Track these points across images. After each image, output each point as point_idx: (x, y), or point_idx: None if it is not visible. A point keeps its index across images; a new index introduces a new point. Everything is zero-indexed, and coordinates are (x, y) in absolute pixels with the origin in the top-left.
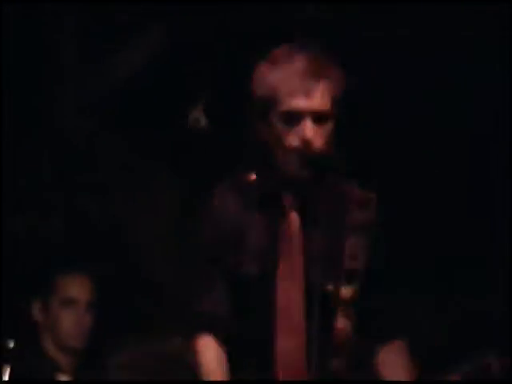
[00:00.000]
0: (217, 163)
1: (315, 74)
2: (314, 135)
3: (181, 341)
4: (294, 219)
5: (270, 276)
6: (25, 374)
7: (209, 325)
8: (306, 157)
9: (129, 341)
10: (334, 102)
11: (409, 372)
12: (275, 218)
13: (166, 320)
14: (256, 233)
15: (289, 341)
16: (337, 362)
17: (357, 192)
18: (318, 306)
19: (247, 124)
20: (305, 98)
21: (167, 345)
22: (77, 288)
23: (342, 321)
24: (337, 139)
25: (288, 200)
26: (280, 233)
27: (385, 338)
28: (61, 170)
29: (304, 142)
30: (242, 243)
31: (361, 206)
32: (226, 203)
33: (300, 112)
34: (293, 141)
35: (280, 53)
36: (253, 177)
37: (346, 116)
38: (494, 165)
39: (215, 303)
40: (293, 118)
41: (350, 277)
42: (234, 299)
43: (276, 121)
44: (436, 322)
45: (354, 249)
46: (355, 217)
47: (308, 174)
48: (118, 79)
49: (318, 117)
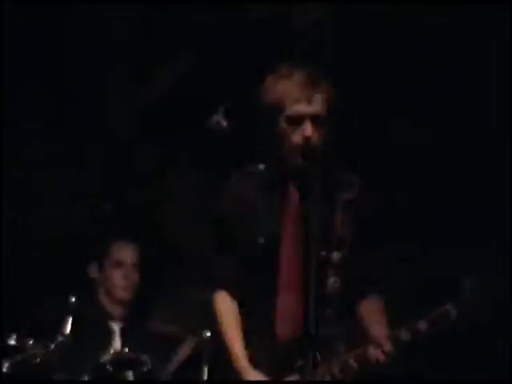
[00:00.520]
0: (234, 157)
1: (312, 87)
2: (312, 133)
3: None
4: (295, 199)
5: (275, 244)
6: (84, 322)
7: (225, 283)
8: (305, 150)
9: (166, 294)
10: (328, 108)
11: (384, 319)
12: (280, 198)
13: (191, 279)
14: (264, 209)
15: (289, 296)
16: (328, 312)
17: (344, 177)
18: (314, 268)
19: (259, 125)
20: (305, 106)
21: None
22: (124, 253)
23: (333, 279)
24: (329, 136)
25: (290, 184)
26: (283, 210)
27: (366, 293)
28: (112, 166)
29: (305, 139)
30: (253, 218)
31: (347, 188)
32: (241, 186)
33: (302, 116)
34: (296, 138)
35: (283, 69)
36: (262, 166)
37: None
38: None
39: (230, 266)
40: (296, 121)
41: (339, 245)
42: (245, 263)
43: (282, 122)
44: (407, 281)
45: (343, 222)
46: (343, 196)
47: (306, 164)
48: (155, 94)
49: (315, 119)
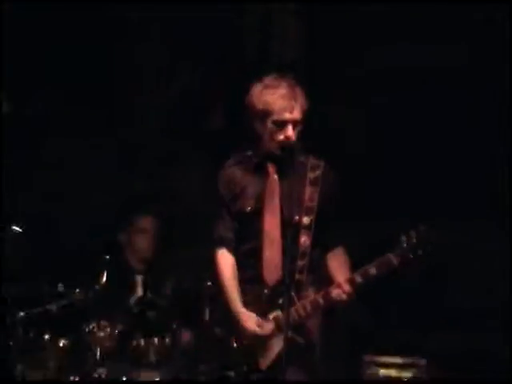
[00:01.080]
0: (228, 148)
1: (294, 97)
2: (292, 134)
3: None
4: (274, 178)
5: (260, 212)
6: (115, 275)
7: (223, 242)
8: (285, 144)
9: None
10: (302, 114)
11: (346, 268)
12: (263, 178)
13: (198, 241)
14: (251, 186)
15: (271, 251)
16: (301, 263)
17: (311, 161)
18: (289, 230)
19: (249, 125)
20: (288, 114)
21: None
22: (145, 223)
23: (304, 238)
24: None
25: (271, 167)
26: (266, 186)
27: (331, 248)
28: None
29: (286, 138)
30: (243, 193)
31: (313, 169)
32: (233, 169)
33: (285, 121)
34: (279, 136)
35: (270, 80)
36: (249, 153)
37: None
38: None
39: (227, 229)
40: (280, 124)
41: (308, 211)
42: (239, 226)
43: (269, 125)
44: (361, 239)
45: (310, 195)
46: (310, 175)
47: (284, 154)
48: (165, 102)
49: (295, 123)
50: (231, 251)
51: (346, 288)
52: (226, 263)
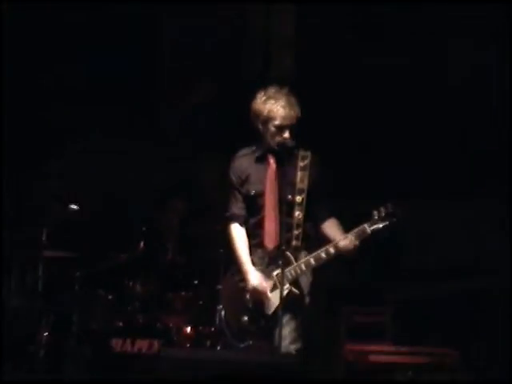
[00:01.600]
0: (239, 144)
1: (291, 107)
2: (288, 135)
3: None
4: (273, 167)
5: (262, 194)
6: (151, 243)
7: (235, 218)
8: (282, 142)
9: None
10: (297, 119)
11: (339, 230)
12: (264, 167)
13: (216, 217)
14: (255, 174)
15: (271, 224)
16: (296, 233)
17: (301, 153)
18: (285, 206)
19: (254, 127)
20: (288, 120)
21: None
22: (176, 204)
23: (297, 213)
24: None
25: (271, 159)
26: (266, 173)
27: (324, 218)
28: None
29: (283, 139)
30: (248, 179)
31: (303, 159)
32: (240, 160)
33: (284, 126)
34: (279, 137)
35: (272, 92)
36: (254, 148)
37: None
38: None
39: (238, 208)
40: (280, 128)
41: (300, 191)
42: (246, 205)
43: (271, 127)
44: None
45: (301, 178)
46: (301, 164)
47: (281, 149)
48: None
49: (291, 127)
50: (242, 225)
51: (352, 240)
52: (238, 234)
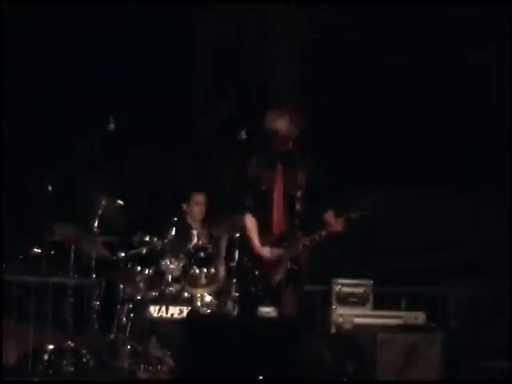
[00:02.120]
0: (253, 151)
1: (296, 123)
2: (292, 144)
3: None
4: (280, 168)
5: (271, 190)
6: (179, 230)
7: (249, 209)
8: (287, 150)
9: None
10: (299, 131)
11: (334, 218)
12: (273, 168)
13: (233, 209)
14: (265, 173)
15: (278, 214)
16: (297, 221)
17: (301, 155)
18: (288, 200)
19: (266, 138)
20: (291, 135)
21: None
22: (199, 197)
23: (298, 205)
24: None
25: (278, 162)
26: (274, 174)
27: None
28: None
29: (288, 147)
30: (260, 177)
31: (302, 160)
32: (255, 162)
33: (289, 139)
34: (284, 147)
35: (280, 111)
36: (266, 153)
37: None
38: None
39: (251, 201)
40: (285, 140)
41: (300, 188)
42: (258, 200)
43: (278, 139)
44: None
45: (301, 177)
46: (301, 164)
47: (286, 155)
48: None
49: (294, 139)
50: (254, 215)
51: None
52: (252, 222)
